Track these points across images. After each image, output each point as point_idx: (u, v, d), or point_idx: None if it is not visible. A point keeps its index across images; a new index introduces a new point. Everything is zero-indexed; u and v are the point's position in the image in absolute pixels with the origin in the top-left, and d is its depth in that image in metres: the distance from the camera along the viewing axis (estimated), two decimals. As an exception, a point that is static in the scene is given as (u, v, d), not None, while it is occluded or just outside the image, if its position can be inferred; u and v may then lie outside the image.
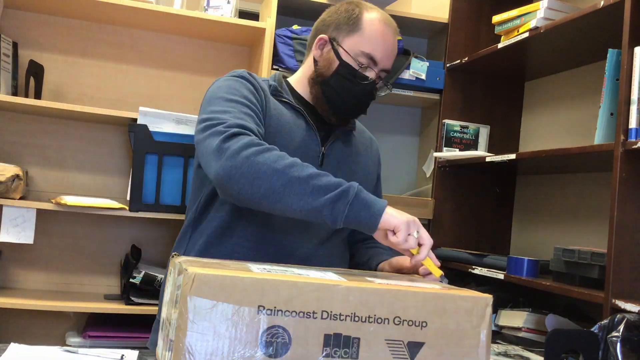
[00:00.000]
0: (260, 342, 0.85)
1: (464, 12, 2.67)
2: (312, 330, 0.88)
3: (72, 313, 2.40)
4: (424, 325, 0.93)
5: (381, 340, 0.91)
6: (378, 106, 2.79)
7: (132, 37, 2.54)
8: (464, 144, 2.65)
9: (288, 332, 0.87)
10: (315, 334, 0.88)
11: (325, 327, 0.88)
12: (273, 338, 0.86)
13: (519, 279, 2.01)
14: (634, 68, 1.68)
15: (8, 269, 2.39)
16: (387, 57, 1.50)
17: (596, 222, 2.22)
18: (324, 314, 0.88)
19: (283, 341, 0.87)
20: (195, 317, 0.83)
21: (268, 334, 0.86)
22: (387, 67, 1.52)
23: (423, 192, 2.76)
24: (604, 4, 1.79)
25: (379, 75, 1.51)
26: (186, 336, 0.82)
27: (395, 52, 1.52)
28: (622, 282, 1.67)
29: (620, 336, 1.42)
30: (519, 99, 2.73)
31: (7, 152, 2.38)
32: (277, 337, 0.86)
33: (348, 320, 0.89)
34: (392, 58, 1.52)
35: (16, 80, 2.32)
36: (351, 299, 0.90)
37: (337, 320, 0.89)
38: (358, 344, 0.90)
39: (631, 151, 1.67)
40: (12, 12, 2.41)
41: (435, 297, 0.94)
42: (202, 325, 0.83)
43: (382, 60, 1.49)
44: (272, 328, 0.86)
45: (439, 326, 0.94)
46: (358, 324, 0.90)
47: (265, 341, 0.86)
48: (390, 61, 1.52)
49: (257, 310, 0.85)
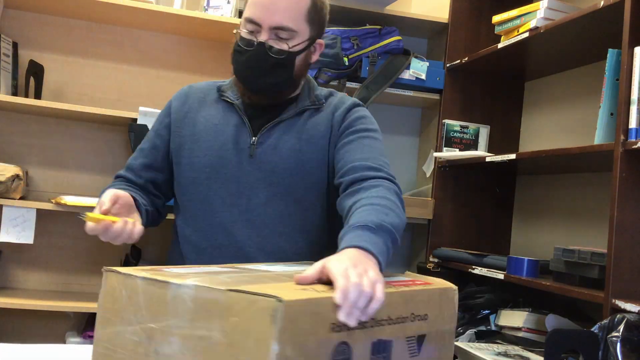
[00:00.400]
0: None
1: (464, 12, 2.67)
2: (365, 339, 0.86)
3: (72, 313, 2.39)
4: (426, 317, 0.95)
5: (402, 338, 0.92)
6: (378, 106, 2.79)
7: (132, 37, 2.54)
8: (464, 144, 2.65)
9: (349, 346, 0.83)
10: (366, 345, 0.86)
11: (372, 335, 0.87)
12: (339, 356, 0.82)
13: (519, 279, 2.01)
14: (634, 68, 1.68)
15: (8, 269, 2.39)
16: (265, 12, 1.39)
17: (596, 222, 2.22)
18: (370, 322, 0.86)
19: (346, 358, 0.83)
20: None
21: (337, 352, 0.81)
22: (277, 24, 1.39)
23: (423, 192, 2.76)
24: (604, 4, 1.79)
25: (272, 36, 1.41)
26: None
27: (277, 3, 1.39)
28: (622, 282, 1.67)
29: (620, 336, 1.42)
30: (519, 99, 2.73)
31: (7, 152, 2.38)
32: (342, 354, 0.82)
33: (385, 324, 0.89)
34: (273, 11, 1.39)
35: (16, 80, 2.32)
36: None
37: (379, 326, 0.88)
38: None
39: (631, 151, 1.67)
40: (12, 12, 2.41)
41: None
42: None
43: (262, 18, 1.39)
44: (339, 345, 0.82)
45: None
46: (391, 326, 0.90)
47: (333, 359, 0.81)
48: (274, 17, 1.39)
49: (329, 329, 0.80)
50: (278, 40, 1.42)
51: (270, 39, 1.41)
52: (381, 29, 2.59)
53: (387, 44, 2.58)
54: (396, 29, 2.61)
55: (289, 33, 1.41)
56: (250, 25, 1.42)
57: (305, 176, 1.47)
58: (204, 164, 1.47)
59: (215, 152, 1.47)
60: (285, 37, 1.41)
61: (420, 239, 2.77)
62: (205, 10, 2.43)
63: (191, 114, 1.53)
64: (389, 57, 2.58)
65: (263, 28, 1.40)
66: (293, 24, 1.41)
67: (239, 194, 1.45)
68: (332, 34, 2.51)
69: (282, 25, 1.40)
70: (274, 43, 1.41)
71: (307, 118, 1.51)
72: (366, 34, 2.57)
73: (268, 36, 1.41)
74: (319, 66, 2.48)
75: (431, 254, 2.59)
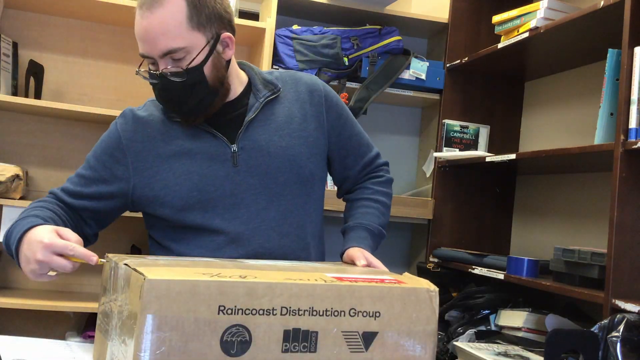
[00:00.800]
0: (221, 342, 0.86)
1: (464, 12, 2.67)
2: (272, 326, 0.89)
3: (72, 313, 2.40)
4: (378, 315, 0.97)
5: (335, 331, 0.93)
6: (378, 106, 2.79)
7: (132, 37, 2.52)
8: (464, 144, 2.65)
9: (249, 330, 0.87)
10: (275, 331, 0.89)
11: (285, 322, 0.90)
12: (233, 337, 0.87)
13: (519, 279, 2.01)
14: (634, 68, 1.68)
15: (8, 269, 2.39)
16: (147, 44, 1.32)
17: (596, 222, 2.22)
18: (283, 310, 0.89)
19: (243, 339, 0.87)
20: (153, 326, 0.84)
21: (228, 333, 0.86)
22: (161, 51, 1.31)
23: (423, 192, 2.76)
24: (604, 4, 1.79)
25: (168, 62, 1.33)
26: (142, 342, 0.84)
27: (151, 32, 1.31)
28: (622, 282, 1.67)
29: (620, 336, 1.42)
30: (519, 99, 2.73)
31: (7, 152, 2.38)
32: (237, 335, 0.87)
33: (306, 314, 0.91)
34: (153, 40, 1.31)
35: (16, 80, 2.32)
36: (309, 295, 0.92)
37: (296, 315, 0.91)
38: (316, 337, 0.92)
39: (631, 151, 1.67)
40: (12, 12, 2.41)
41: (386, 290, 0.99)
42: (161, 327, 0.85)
43: (148, 50, 1.33)
44: (232, 327, 0.86)
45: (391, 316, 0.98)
46: (316, 318, 0.92)
47: (225, 340, 0.86)
48: (155, 44, 1.31)
49: (217, 311, 0.86)
50: (176, 63, 1.33)
51: (168, 65, 1.33)
52: (381, 29, 2.59)
53: (387, 44, 2.58)
54: (396, 29, 2.61)
55: (181, 52, 1.32)
56: (147, 60, 1.36)
57: (300, 170, 1.45)
58: (189, 189, 1.39)
59: (196, 174, 1.39)
60: (179, 57, 1.32)
61: (420, 239, 2.77)
62: (205, 10, 2.43)
63: (149, 143, 1.43)
64: (389, 57, 2.58)
65: (156, 59, 1.33)
66: (178, 41, 1.31)
67: (237, 205, 1.40)
68: (332, 34, 2.51)
69: (168, 49, 1.31)
70: (173, 68, 1.33)
71: (274, 109, 1.47)
72: (366, 34, 2.57)
73: (165, 64, 1.33)
74: (319, 66, 2.48)
75: (431, 254, 2.59)
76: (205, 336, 0.85)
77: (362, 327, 0.95)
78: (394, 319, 0.98)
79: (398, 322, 0.98)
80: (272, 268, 1.07)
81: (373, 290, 0.97)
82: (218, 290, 0.87)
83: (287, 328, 0.90)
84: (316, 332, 0.92)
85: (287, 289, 0.91)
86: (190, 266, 1.02)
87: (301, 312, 0.91)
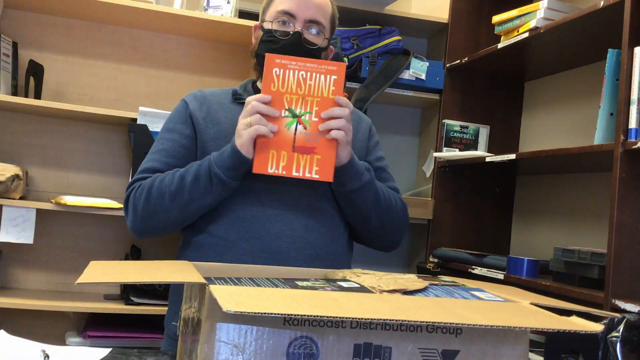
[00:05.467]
0: (287, 354, 0.80)
1: (464, 12, 2.67)
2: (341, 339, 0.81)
3: (72, 313, 2.39)
4: (459, 332, 0.86)
5: (412, 347, 0.84)
6: (378, 106, 2.79)
7: (132, 37, 2.54)
8: (464, 144, 2.65)
9: (316, 342, 0.81)
10: (344, 344, 0.81)
11: (355, 336, 0.82)
12: (300, 349, 0.81)
13: (519, 279, 2.01)
14: (634, 68, 1.68)
15: (8, 269, 2.39)
16: (300, 6, 1.50)
17: (596, 222, 2.22)
18: (353, 323, 0.82)
19: (310, 352, 0.81)
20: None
21: (295, 345, 0.80)
22: (311, 17, 1.51)
23: (423, 192, 2.76)
24: (604, 4, 1.79)
25: (306, 28, 1.51)
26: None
27: (313, 2, 1.51)
28: (622, 282, 1.67)
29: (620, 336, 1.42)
30: (519, 99, 2.73)
31: (7, 152, 2.38)
32: (304, 348, 0.81)
33: (379, 328, 0.82)
34: (310, 8, 1.51)
35: (16, 80, 2.32)
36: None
37: (368, 329, 0.82)
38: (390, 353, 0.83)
39: (631, 151, 1.67)
40: (12, 12, 2.41)
41: None
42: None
43: (299, 11, 1.50)
44: (299, 339, 0.80)
45: None
46: (389, 332, 0.83)
47: (291, 352, 0.80)
48: (309, 11, 1.50)
49: (282, 321, 0.80)
50: (309, 33, 1.51)
51: (304, 28, 1.50)
52: (381, 29, 2.59)
53: (387, 44, 2.58)
54: (396, 29, 2.61)
55: (319, 27, 1.52)
56: (284, 16, 1.51)
57: None
58: None
59: None
60: (316, 31, 1.52)
61: (420, 239, 2.77)
62: (205, 11, 2.43)
63: (212, 114, 1.54)
64: (389, 57, 2.58)
65: (298, 20, 1.50)
66: (324, 20, 1.53)
67: (270, 189, 1.46)
68: (332, 34, 2.51)
69: (316, 19, 1.51)
70: (307, 35, 1.50)
71: None
72: (366, 34, 2.57)
73: (302, 28, 1.50)
74: (319, 66, 2.48)
75: (431, 254, 2.59)
76: (272, 348, 0.80)
77: (441, 344, 0.85)
78: (478, 336, 0.86)
79: (483, 340, 0.87)
80: None
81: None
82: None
83: (358, 342, 0.82)
84: (389, 347, 0.83)
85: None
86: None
87: (373, 325, 0.82)
